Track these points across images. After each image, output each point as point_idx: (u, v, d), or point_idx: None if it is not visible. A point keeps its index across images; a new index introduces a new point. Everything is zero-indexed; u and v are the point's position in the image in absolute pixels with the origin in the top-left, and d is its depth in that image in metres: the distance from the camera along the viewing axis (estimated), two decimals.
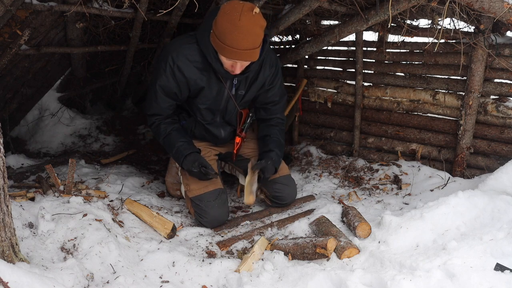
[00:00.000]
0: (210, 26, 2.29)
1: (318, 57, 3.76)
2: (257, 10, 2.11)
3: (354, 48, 3.43)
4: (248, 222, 2.65)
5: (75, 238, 2.06)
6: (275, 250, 2.21)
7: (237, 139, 2.75)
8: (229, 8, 2.14)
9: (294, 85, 3.90)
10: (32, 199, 2.37)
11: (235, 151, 2.77)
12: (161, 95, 2.52)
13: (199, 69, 2.44)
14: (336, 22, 3.23)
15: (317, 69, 3.82)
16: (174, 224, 2.43)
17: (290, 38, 3.80)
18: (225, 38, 2.15)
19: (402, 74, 3.26)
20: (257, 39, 2.20)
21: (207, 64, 2.41)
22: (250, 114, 2.74)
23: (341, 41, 3.40)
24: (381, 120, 3.43)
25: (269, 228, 2.54)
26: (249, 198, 2.57)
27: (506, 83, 2.78)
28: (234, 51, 2.17)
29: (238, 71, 2.32)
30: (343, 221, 2.48)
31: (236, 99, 2.62)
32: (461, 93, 2.96)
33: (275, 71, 2.64)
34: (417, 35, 3.00)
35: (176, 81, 2.46)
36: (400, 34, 3.06)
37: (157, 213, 2.50)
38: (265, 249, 2.26)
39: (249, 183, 2.57)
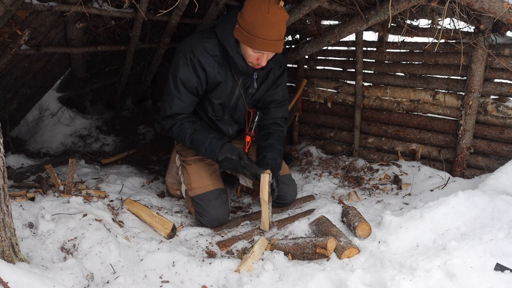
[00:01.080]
0: (232, 21, 2.36)
1: (318, 57, 3.76)
2: (282, 3, 2.21)
3: (354, 48, 3.43)
4: (248, 222, 2.65)
5: (75, 238, 2.06)
6: (275, 250, 2.21)
7: (247, 138, 2.77)
8: (256, 2, 2.22)
9: (294, 85, 3.90)
10: (32, 199, 2.37)
11: (246, 150, 2.78)
12: (184, 90, 2.47)
13: (218, 64, 2.48)
14: (336, 22, 3.23)
15: (317, 69, 3.82)
16: (174, 224, 2.43)
17: (290, 38, 3.80)
18: (255, 30, 2.22)
19: (402, 74, 3.26)
20: (284, 31, 2.31)
21: (225, 59, 2.47)
22: (258, 113, 2.75)
23: (341, 41, 3.40)
24: (381, 120, 3.43)
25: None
26: (264, 224, 2.51)
27: (506, 83, 2.77)
28: (265, 42, 2.25)
29: (264, 62, 2.38)
30: (343, 221, 2.47)
31: (246, 97, 2.65)
32: (461, 93, 2.96)
33: (283, 70, 2.72)
34: (417, 35, 3.00)
35: (197, 74, 2.46)
36: (400, 34, 3.06)
37: (157, 213, 2.50)
38: (265, 249, 2.26)
39: (263, 206, 2.47)
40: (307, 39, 3.54)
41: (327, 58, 3.72)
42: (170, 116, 2.53)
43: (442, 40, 2.89)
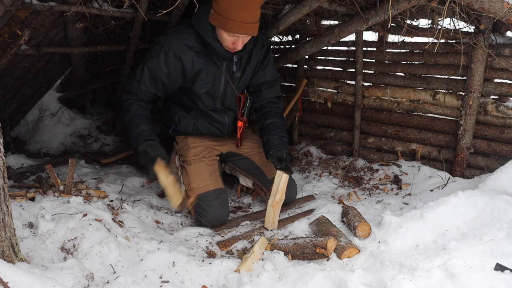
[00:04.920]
0: (205, 8, 2.39)
1: (318, 57, 3.76)
2: None
3: (354, 48, 3.43)
4: (248, 222, 2.65)
5: (75, 238, 2.06)
6: (275, 250, 2.21)
7: (239, 123, 2.79)
8: None
9: (294, 85, 3.89)
10: (32, 199, 2.37)
11: (238, 136, 2.80)
12: (145, 77, 2.52)
13: (196, 53, 2.51)
14: (336, 22, 3.23)
15: (317, 69, 3.82)
16: (184, 198, 2.38)
17: (290, 38, 3.79)
18: (229, 13, 2.25)
19: (402, 74, 3.25)
20: (258, 13, 2.35)
21: (204, 48, 2.50)
22: (249, 98, 2.77)
23: (341, 41, 3.40)
24: (381, 120, 3.43)
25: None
26: (274, 224, 2.52)
27: (506, 83, 2.77)
28: (239, 25, 2.28)
29: (240, 46, 2.41)
30: (343, 221, 2.48)
31: (234, 82, 2.66)
32: (461, 93, 2.96)
33: (266, 49, 2.73)
34: (417, 35, 3.00)
35: (167, 67, 2.48)
36: (400, 34, 3.06)
37: (175, 181, 2.42)
38: (265, 249, 2.26)
39: (277, 207, 2.48)
40: (307, 39, 3.53)
41: (327, 58, 3.72)
42: (127, 91, 2.59)
43: (442, 40, 2.88)
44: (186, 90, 2.67)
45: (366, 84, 3.47)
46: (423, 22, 2.95)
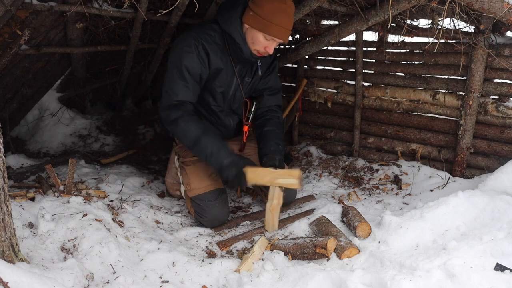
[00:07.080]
0: (236, 10, 2.41)
1: (318, 57, 3.76)
2: None
3: (354, 48, 3.43)
4: (248, 222, 2.65)
5: (75, 238, 2.06)
6: (275, 250, 2.21)
7: (245, 128, 2.79)
8: None
9: (294, 85, 3.89)
10: (32, 199, 2.37)
11: (244, 140, 2.81)
12: (189, 77, 2.42)
13: (221, 50, 2.52)
14: (336, 22, 3.23)
15: (317, 69, 3.82)
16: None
17: (290, 38, 3.79)
18: (273, 17, 2.29)
19: (402, 74, 3.25)
20: (293, 21, 2.43)
21: (225, 48, 2.52)
22: (255, 103, 2.78)
23: (341, 41, 3.40)
24: (381, 120, 3.43)
25: None
26: (275, 226, 2.51)
27: (506, 83, 2.77)
28: (281, 30, 2.34)
29: (272, 51, 2.46)
30: (343, 221, 2.48)
31: (243, 87, 2.68)
32: (461, 93, 2.96)
33: (274, 57, 2.78)
34: (417, 35, 3.00)
35: (201, 61, 2.46)
36: (400, 34, 3.06)
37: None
38: (265, 249, 2.26)
39: (276, 211, 2.46)
40: (307, 39, 3.53)
41: (327, 58, 3.72)
42: (176, 105, 2.40)
43: (442, 40, 2.88)
44: (205, 84, 2.61)
45: (366, 84, 3.47)
46: (423, 22, 2.95)
